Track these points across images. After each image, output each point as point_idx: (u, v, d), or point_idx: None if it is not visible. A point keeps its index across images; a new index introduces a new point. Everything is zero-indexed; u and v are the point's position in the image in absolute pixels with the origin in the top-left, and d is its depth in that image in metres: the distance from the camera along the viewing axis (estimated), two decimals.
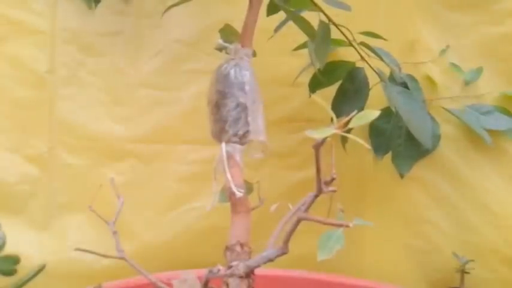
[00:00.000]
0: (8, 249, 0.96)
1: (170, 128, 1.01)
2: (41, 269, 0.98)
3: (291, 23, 0.78)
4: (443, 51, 1.01)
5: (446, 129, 1.01)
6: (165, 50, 1.01)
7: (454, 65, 1.01)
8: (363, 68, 0.94)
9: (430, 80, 1.02)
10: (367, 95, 0.94)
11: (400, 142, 1.00)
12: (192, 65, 1.01)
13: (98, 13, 0.98)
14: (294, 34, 0.83)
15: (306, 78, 0.96)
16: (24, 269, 0.97)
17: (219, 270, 0.65)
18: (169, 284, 0.71)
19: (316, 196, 0.59)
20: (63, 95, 0.99)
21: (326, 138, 0.51)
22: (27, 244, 0.99)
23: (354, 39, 0.88)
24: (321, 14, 0.80)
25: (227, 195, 0.69)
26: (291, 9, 0.75)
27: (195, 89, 1.01)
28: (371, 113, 0.50)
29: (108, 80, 1.00)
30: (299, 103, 1.02)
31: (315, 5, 0.79)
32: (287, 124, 1.03)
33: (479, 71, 1.01)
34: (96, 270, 0.98)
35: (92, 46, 0.99)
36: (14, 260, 0.97)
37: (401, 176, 1.02)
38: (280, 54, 0.99)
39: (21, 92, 0.98)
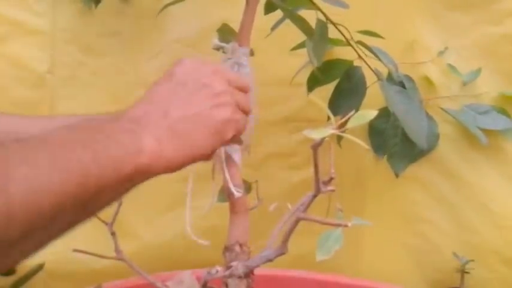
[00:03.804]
0: None
1: None
2: (39, 268, 0.98)
3: (290, 23, 0.78)
4: (441, 53, 1.01)
5: (445, 128, 1.01)
6: (165, 50, 1.01)
7: (451, 66, 1.01)
8: (360, 66, 0.94)
9: (429, 80, 1.02)
10: (364, 94, 0.94)
11: (396, 141, 1.00)
12: None
13: (97, 13, 0.98)
14: (293, 34, 0.83)
15: (306, 78, 0.96)
16: (23, 268, 0.98)
17: (217, 271, 0.65)
18: (166, 286, 0.71)
19: (315, 196, 0.59)
20: (63, 95, 0.99)
21: (324, 138, 0.51)
22: None
23: (352, 38, 0.88)
24: (319, 12, 0.80)
25: (226, 195, 0.69)
26: (288, 7, 0.75)
27: None
28: (369, 113, 0.50)
29: (108, 80, 1.00)
30: (299, 103, 1.02)
31: (312, 3, 0.79)
32: (287, 124, 1.03)
33: (477, 72, 1.01)
34: (96, 270, 0.98)
35: (92, 46, 1.00)
36: None
37: (396, 175, 1.02)
38: (280, 55, 0.99)
39: (21, 92, 0.98)
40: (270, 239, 0.65)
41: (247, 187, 0.75)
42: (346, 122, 0.49)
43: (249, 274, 0.66)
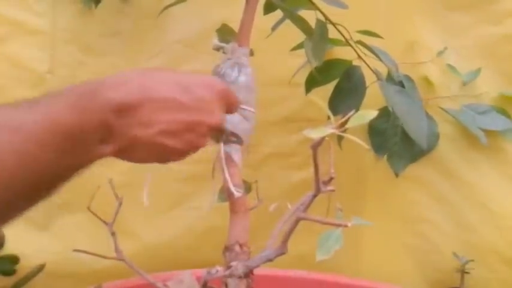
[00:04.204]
0: (8, 249, 0.96)
1: None
2: (40, 269, 0.98)
3: (289, 23, 0.78)
4: (441, 53, 1.01)
5: (445, 128, 1.01)
6: (165, 50, 1.01)
7: (451, 66, 1.01)
8: (359, 66, 0.94)
9: (428, 80, 1.02)
10: (363, 94, 0.94)
11: (396, 141, 1.00)
12: (192, 65, 1.01)
13: (97, 13, 0.98)
14: (293, 34, 0.83)
15: (305, 78, 0.96)
16: (24, 269, 0.98)
17: (217, 271, 0.66)
18: (166, 286, 0.71)
19: (315, 196, 0.59)
20: None
21: (324, 138, 0.51)
22: (27, 244, 0.99)
23: (351, 38, 0.88)
24: (318, 12, 0.80)
25: (226, 195, 0.69)
26: (288, 7, 0.75)
27: None
28: (369, 113, 0.50)
29: None
30: (298, 103, 1.02)
31: (312, 3, 0.79)
32: (287, 124, 1.03)
33: (476, 72, 1.01)
34: (96, 270, 0.98)
35: (92, 46, 0.99)
36: (14, 260, 0.98)
37: (396, 175, 1.01)
38: (280, 55, 0.99)
39: (21, 92, 0.98)
40: (270, 239, 0.65)
41: (247, 187, 0.75)
42: (345, 121, 0.49)
43: (248, 274, 0.66)
